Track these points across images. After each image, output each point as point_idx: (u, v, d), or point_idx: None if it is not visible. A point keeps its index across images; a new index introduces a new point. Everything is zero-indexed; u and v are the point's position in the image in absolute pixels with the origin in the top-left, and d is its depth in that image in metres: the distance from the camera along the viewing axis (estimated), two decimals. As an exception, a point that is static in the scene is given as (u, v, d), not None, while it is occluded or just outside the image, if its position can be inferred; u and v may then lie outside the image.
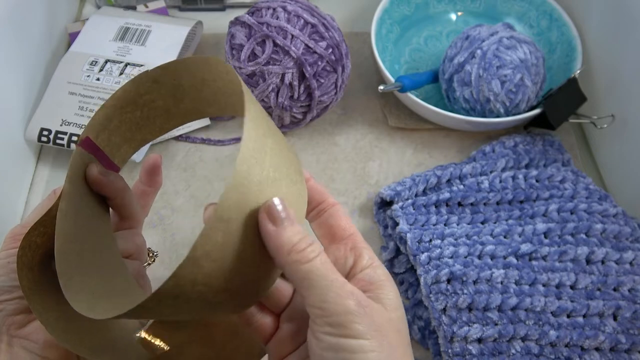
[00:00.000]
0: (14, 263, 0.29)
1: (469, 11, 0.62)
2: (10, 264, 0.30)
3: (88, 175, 0.30)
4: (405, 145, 0.54)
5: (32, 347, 0.30)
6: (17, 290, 0.30)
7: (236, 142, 0.54)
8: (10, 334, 0.30)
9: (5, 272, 0.30)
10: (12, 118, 0.49)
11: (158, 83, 0.30)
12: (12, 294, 0.30)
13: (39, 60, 0.54)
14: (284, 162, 0.25)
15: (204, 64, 0.28)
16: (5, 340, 0.30)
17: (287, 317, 0.29)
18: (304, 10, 0.49)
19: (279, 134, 0.26)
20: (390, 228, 0.48)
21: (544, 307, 0.40)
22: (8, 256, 0.30)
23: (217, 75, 0.28)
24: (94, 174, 0.30)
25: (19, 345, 0.30)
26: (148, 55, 0.53)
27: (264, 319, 0.29)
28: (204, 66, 0.28)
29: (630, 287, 0.41)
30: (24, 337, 0.30)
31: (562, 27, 0.56)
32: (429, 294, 0.41)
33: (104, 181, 0.30)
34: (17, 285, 0.30)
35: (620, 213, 0.45)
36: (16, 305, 0.30)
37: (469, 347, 0.39)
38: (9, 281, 0.30)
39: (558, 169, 0.49)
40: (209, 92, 0.30)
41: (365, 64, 0.59)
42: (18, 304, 0.30)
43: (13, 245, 0.30)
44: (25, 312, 0.30)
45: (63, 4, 0.60)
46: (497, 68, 0.49)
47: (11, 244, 0.31)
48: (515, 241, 0.43)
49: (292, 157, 0.26)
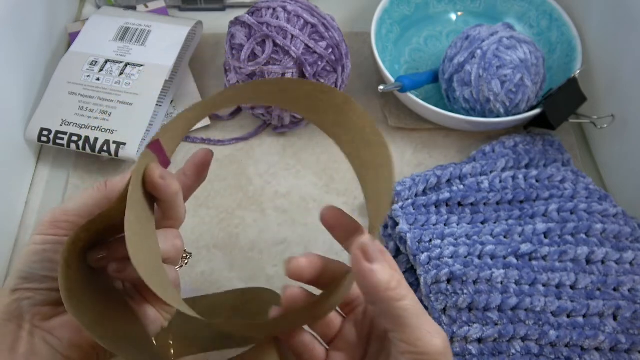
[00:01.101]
0: (50, 252, 0.28)
1: (469, 11, 0.62)
2: (46, 252, 0.28)
3: (149, 178, 0.28)
4: (405, 145, 0.54)
5: (54, 343, 0.29)
6: (48, 280, 0.29)
7: (236, 142, 0.54)
8: (33, 324, 0.28)
9: (39, 260, 0.29)
10: (12, 118, 0.49)
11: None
12: (42, 284, 0.29)
13: (39, 60, 0.54)
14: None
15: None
16: (27, 329, 0.28)
17: (336, 347, 0.31)
18: (304, 10, 0.49)
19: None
20: (390, 228, 0.48)
21: (544, 307, 0.40)
22: (44, 242, 0.29)
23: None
24: (155, 178, 0.28)
25: (41, 337, 0.28)
26: (148, 55, 0.53)
27: (314, 348, 0.30)
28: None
29: (630, 287, 0.41)
30: (47, 331, 0.29)
31: (562, 27, 0.56)
32: (429, 294, 0.41)
33: (163, 185, 0.28)
34: (50, 275, 0.28)
35: (620, 213, 0.45)
36: (45, 296, 0.29)
37: (469, 347, 0.39)
38: (42, 270, 0.29)
39: (558, 169, 0.49)
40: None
41: (365, 64, 0.59)
42: (47, 295, 0.29)
43: (51, 231, 0.29)
44: (53, 305, 0.29)
45: (63, 4, 0.60)
46: (497, 68, 0.49)
47: (49, 229, 0.29)
48: (515, 241, 0.43)
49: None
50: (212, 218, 0.49)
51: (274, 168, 0.52)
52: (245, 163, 0.53)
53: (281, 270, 0.47)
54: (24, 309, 0.28)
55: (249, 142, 0.54)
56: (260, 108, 0.51)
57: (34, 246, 0.29)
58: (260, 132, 0.55)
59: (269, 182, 0.52)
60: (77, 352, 0.29)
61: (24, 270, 0.29)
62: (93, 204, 0.30)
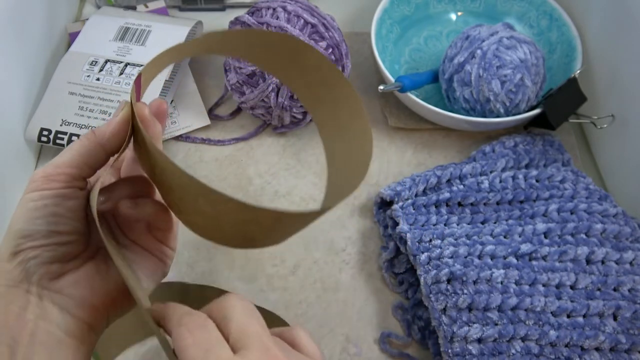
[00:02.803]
0: (51, 205, 0.27)
1: (469, 11, 0.62)
2: (47, 207, 0.27)
3: (140, 111, 0.28)
4: (405, 145, 0.54)
5: (64, 303, 0.28)
6: (55, 235, 0.28)
7: (236, 142, 0.54)
8: (41, 285, 0.27)
9: (42, 215, 0.27)
10: (12, 118, 0.49)
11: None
12: (49, 239, 0.27)
13: (39, 60, 0.54)
14: None
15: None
16: (35, 292, 0.27)
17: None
18: (304, 10, 0.49)
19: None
20: (390, 228, 0.48)
21: (544, 307, 0.40)
22: (42, 197, 0.27)
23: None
24: (146, 114, 0.29)
25: (50, 299, 0.27)
26: (148, 55, 0.53)
27: None
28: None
29: (630, 287, 0.41)
30: (56, 291, 0.28)
31: (562, 27, 0.56)
32: (429, 294, 0.41)
33: (151, 120, 0.29)
34: (55, 230, 0.27)
35: (620, 213, 0.45)
36: (53, 252, 0.28)
37: (469, 347, 0.39)
38: (47, 225, 0.27)
39: (558, 169, 0.49)
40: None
41: (365, 64, 0.59)
42: (55, 250, 0.28)
43: (47, 185, 0.28)
44: (62, 262, 0.28)
45: (63, 4, 0.60)
46: (497, 68, 0.49)
47: (44, 184, 0.28)
48: (515, 241, 0.43)
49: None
50: (212, 218, 0.49)
51: (274, 168, 0.52)
52: (245, 163, 0.53)
53: (281, 270, 0.47)
54: (30, 269, 0.27)
55: (249, 142, 0.54)
56: (260, 108, 0.51)
57: (32, 203, 0.27)
58: (260, 132, 0.55)
59: (269, 182, 0.52)
60: (88, 311, 0.28)
61: (25, 229, 0.27)
62: (85, 152, 0.29)
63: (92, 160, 0.29)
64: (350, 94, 0.32)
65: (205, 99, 0.56)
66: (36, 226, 0.27)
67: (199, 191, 0.24)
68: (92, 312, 0.29)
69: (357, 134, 0.32)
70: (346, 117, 0.32)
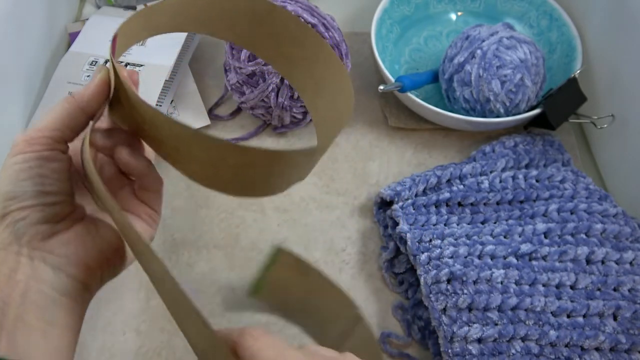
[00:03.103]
0: (36, 167, 0.27)
1: (469, 11, 0.62)
2: (32, 168, 0.28)
3: (120, 72, 0.28)
4: (405, 145, 0.54)
5: (57, 262, 0.28)
6: (42, 195, 0.28)
7: (236, 142, 0.54)
8: (32, 246, 0.27)
9: (28, 177, 0.27)
10: (12, 118, 0.49)
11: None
12: (37, 200, 0.27)
13: (39, 60, 0.54)
14: None
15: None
16: (25, 254, 0.27)
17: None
18: (304, 10, 0.49)
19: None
20: (390, 228, 0.48)
21: (544, 307, 0.40)
22: (26, 160, 0.28)
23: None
24: (124, 73, 0.29)
25: (41, 259, 0.27)
26: (148, 55, 0.53)
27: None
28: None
29: (630, 287, 0.41)
30: (48, 251, 0.28)
31: (562, 27, 0.56)
32: (429, 294, 0.41)
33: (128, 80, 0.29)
34: (42, 190, 0.28)
35: (620, 213, 0.45)
36: (42, 212, 0.28)
37: (469, 347, 0.39)
38: (34, 185, 0.27)
39: (558, 169, 0.49)
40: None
41: (365, 64, 0.59)
42: (43, 210, 0.28)
43: (29, 148, 0.28)
44: (51, 222, 0.28)
45: (63, 4, 0.60)
46: (497, 68, 0.49)
47: (27, 147, 0.28)
48: (515, 241, 0.43)
49: None
50: (212, 218, 0.49)
51: (274, 168, 0.52)
52: (245, 163, 0.53)
53: (281, 270, 0.47)
54: (20, 231, 0.27)
55: (249, 142, 0.54)
56: (260, 108, 0.51)
57: (17, 165, 0.28)
58: (260, 132, 0.55)
59: (269, 182, 0.52)
60: (82, 269, 0.28)
61: (11, 191, 0.27)
62: (66, 115, 0.29)
63: (73, 123, 0.29)
64: (322, 46, 0.32)
65: (205, 99, 0.56)
66: (23, 187, 0.27)
67: (192, 138, 0.25)
68: (87, 271, 0.29)
69: (336, 81, 0.32)
70: (321, 69, 0.33)
